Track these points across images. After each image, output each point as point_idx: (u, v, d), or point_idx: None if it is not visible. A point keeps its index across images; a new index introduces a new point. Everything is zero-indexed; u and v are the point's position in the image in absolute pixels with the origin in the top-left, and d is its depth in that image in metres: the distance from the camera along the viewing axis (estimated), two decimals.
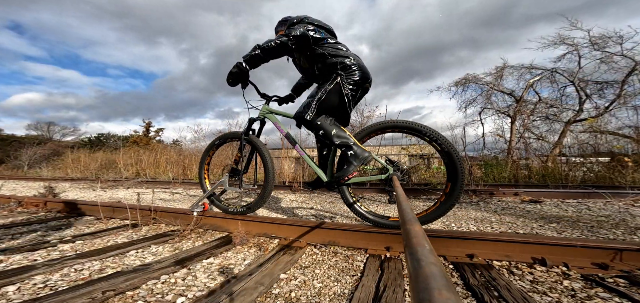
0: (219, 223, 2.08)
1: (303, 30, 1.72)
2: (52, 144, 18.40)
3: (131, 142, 15.83)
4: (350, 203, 1.83)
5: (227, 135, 2.28)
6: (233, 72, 1.81)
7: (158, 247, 1.67)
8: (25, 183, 7.00)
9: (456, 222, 2.20)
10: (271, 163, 2.01)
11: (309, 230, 1.74)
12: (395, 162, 1.72)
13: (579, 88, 9.28)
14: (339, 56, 1.72)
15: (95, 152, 11.43)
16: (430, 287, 0.23)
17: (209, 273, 1.29)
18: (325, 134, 1.68)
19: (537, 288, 1.08)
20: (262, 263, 1.36)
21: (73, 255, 1.45)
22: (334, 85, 1.69)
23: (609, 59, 8.87)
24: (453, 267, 1.31)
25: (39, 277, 1.19)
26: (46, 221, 2.42)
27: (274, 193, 4.18)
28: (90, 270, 1.28)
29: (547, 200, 2.85)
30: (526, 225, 2.05)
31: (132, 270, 1.25)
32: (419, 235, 0.37)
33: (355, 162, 1.63)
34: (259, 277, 1.20)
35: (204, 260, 1.45)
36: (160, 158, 9.45)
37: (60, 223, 2.34)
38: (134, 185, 6.23)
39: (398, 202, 0.69)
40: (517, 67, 10.61)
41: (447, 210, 1.59)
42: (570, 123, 9.07)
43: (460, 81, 11.49)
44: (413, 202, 3.25)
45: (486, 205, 2.80)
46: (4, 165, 15.18)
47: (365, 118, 8.14)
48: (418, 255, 0.30)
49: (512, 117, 9.59)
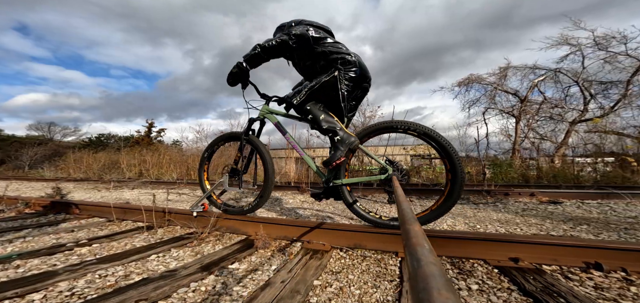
0: (237, 226, 2.03)
1: (303, 29, 1.74)
2: (53, 144, 18.32)
3: (133, 142, 15.78)
4: (350, 203, 1.83)
5: (227, 135, 2.26)
6: (233, 72, 1.81)
7: (178, 251, 1.62)
8: (28, 183, 6.94)
9: (480, 224, 2.15)
10: (271, 163, 2.01)
11: (331, 232, 1.69)
12: (395, 162, 1.73)
13: (583, 88, 9.26)
14: (340, 53, 1.74)
15: (97, 153, 11.36)
16: (430, 287, 0.23)
17: (237, 279, 1.24)
18: (313, 119, 1.72)
19: (605, 296, 1.03)
20: (291, 269, 1.31)
21: (94, 259, 1.40)
22: (330, 78, 1.70)
23: (613, 58, 8.85)
24: (498, 271, 1.26)
25: (63, 284, 1.14)
26: (57, 223, 2.36)
27: (281, 195, 4.13)
28: (114, 276, 1.23)
29: (566, 201, 2.81)
30: (556, 227, 2.01)
31: (159, 277, 1.20)
32: (419, 235, 0.38)
33: (341, 147, 1.66)
34: (293, 285, 1.15)
35: (229, 265, 1.40)
36: (163, 158, 9.40)
37: (71, 225, 2.29)
38: (139, 185, 6.17)
39: (397, 202, 0.69)
40: (520, 68, 10.61)
41: (447, 210, 1.60)
42: (575, 123, 9.04)
43: (463, 81, 11.48)
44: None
45: (504, 206, 2.76)
46: (5, 166, 15.10)
47: (367, 118, 8.10)
48: (418, 254, 0.31)
49: (517, 117, 9.56)
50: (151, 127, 16.36)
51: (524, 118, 9.57)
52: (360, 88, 1.79)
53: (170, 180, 6.87)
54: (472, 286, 1.12)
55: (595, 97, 9.14)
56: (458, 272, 1.27)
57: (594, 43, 8.96)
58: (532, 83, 9.57)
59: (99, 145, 17.95)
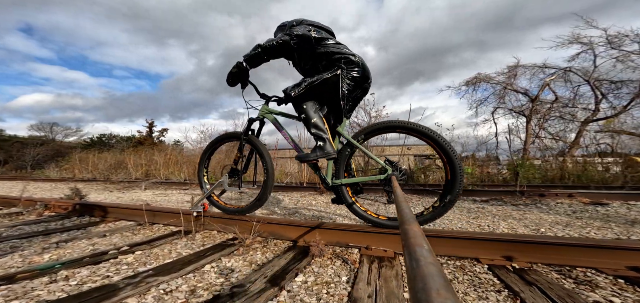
0: (279, 231, 1.91)
1: (305, 30, 1.73)
2: (55, 145, 18.13)
3: (135, 142, 15.60)
4: (350, 203, 1.84)
5: (226, 135, 2.27)
6: (233, 72, 1.79)
7: (230, 260, 1.51)
8: (35, 184, 6.80)
9: (542, 226, 2.04)
10: (271, 163, 2.01)
11: (390, 237, 1.59)
12: (394, 162, 1.73)
13: (595, 87, 9.18)
14: (343, 53, 1.73)
15: (101, 153, 11.20)
16: (429, 287, 0.23)
17: (314, 295, 1.12)
18: (306, 118, 1.73)
19: None
20: (369, 281, 1.20)
21: (149, 271, 1.28)
22: (332, 76, 1.69)
23: (626, 57, 8.77)
24: (624, 281, 1.15)
25: (131, 300, 1.02)
26: (84, 226, 2.24)
27: (299, 195, 4.02)
28: (181, 291, 1.12)
29: (611, 203, 2.71)
30: (629, 231, 1.91)
31: (230, 294, 1.08)
32: (418, 235, 0.37)
33: (318, 153, 1.71)
34: (384, 300, 1.03)
35: (294, 278, 1.29)
36: (170, 158, 9.28)
37: (101, 229, 2.17)
38: (150, 186, 6.04)
39: (397, 202, 0.69)
40: (529, 67, 10.52)
41: (447, 209, 1.61)
42: (587, 122, 8.96)
43: (471, 80, 11.39)
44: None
45: (548, 207, 2.66)
46: (7, 166, 14.91)
47: (372, 118, 8.01)
48: (416, 255, 0.30)
49: (528, 116, 9.47)
50: (152, 126, 16.18)
51: (535, 117, 9.48)
52: (360, 88, 1.78)
53: (180, 181, 6.75)
54: None
55: (606, 96, 9.07)
56: (573, 282, 1.15)
57: (606, 41, 8.88)
58: (544, 82, 9.47)
59: (101, 145, 17.76)
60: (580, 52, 9.55)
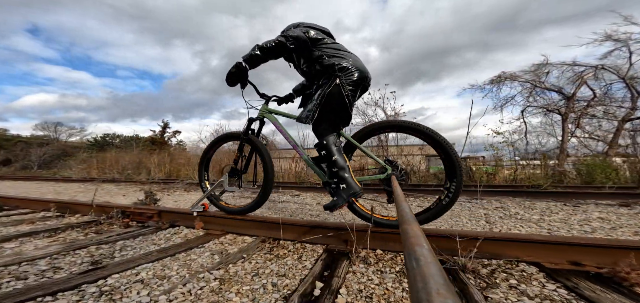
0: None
1: (300, 32, 1.73)
2: (59, 144, 17.56)
3: (144, 142, 15.11)
4: (349, 203, 1.78)
5: (226, 135, 2.26)
6: (232, 72, 1.78)
7: None
8: (64, 185, 6.33)
9: None
10: (271, 163, 1.99)
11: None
12: (394, 162, 1.71)
13: (631, 85, 8.95)
14: (336, 57, 1.70)
15: (117, 153, 10.74)
16: (429, 287, 0.23)
17: None
18: (327, 156, 1.65)
19: None
20: None
21: None
22: (333, 87, 1.65)
23: None
24: None
25: None
26: (198, 243, 1.86)
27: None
28: None
29: None
30: None
31: None
32: (418, 235, 0.37)
33: (344, 195, 1.57)
34: None
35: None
36: (191, 159, 8.92)
37: (216, 246, 1.79)
38: (186, 187, 5.64)
39: (397, 202, 0.70)
40: (557, 65, 10.26)
41: (446, 209, 1.57)
42: (624, 121, 8.73)
43: (495, 79, 11.10)
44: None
45: None
46: (12, 166, 14.34)
47: (389, 116, 7.75)
48: (417, 254, 0.30)
49: (564, 115, 9.20)
50: (166, 127, 15.75)
51: (571, 115, 9.22)
52: (361, 88, 1.76)
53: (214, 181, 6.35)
54: None
55: None
56: None
57: None
58: (581, 80, 9.20)
59: (104, 145, 17.22)
60: (614, 49, 9.32)
